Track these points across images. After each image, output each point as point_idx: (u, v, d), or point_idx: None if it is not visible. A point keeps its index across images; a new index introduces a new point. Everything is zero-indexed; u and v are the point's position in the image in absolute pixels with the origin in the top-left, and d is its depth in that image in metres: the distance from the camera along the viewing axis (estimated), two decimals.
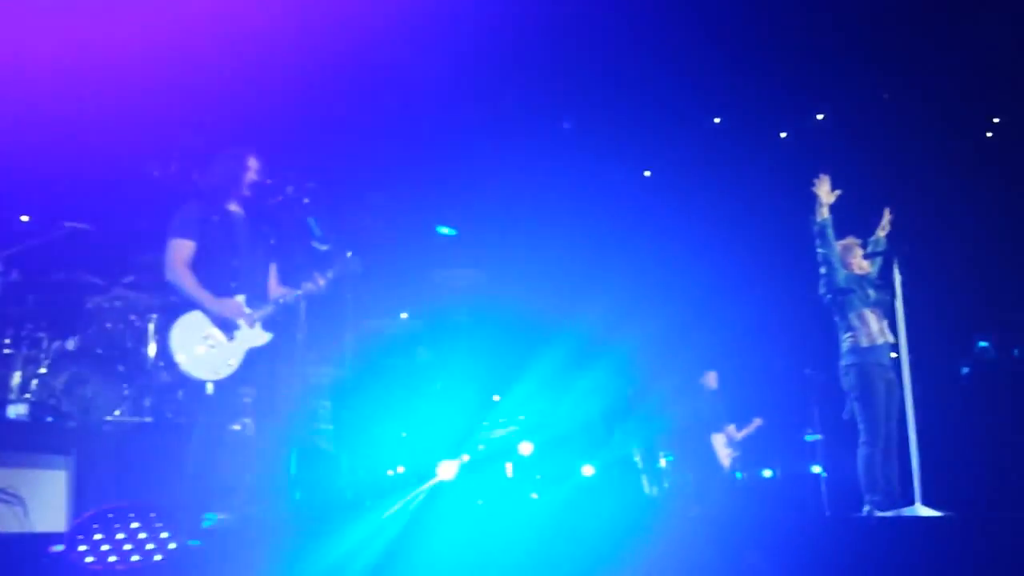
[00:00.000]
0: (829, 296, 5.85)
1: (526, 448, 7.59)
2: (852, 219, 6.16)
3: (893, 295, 5.66)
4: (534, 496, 7.42)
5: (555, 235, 9.07)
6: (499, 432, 7.60)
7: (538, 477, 7.62)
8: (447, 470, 6.88)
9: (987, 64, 8.66)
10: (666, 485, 8.15)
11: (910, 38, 8.61)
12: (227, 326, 4.58)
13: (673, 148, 9.72)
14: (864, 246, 6.02)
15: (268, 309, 4.68)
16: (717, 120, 10.06)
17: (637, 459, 8.10)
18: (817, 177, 5.92)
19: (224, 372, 4.53)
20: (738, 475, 8.93)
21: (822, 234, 5.83)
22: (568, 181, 8.91)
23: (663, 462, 8.32)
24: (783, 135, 10.06)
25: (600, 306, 8.68)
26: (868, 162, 9.22)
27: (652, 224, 9.44)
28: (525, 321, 8.67)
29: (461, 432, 7.43)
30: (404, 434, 7.43)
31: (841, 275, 5.82)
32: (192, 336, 4.54)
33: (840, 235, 5.99)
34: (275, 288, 4.85)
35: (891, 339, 5.68)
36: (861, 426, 5.64)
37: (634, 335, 8.67)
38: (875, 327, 5.70)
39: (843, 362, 5.78)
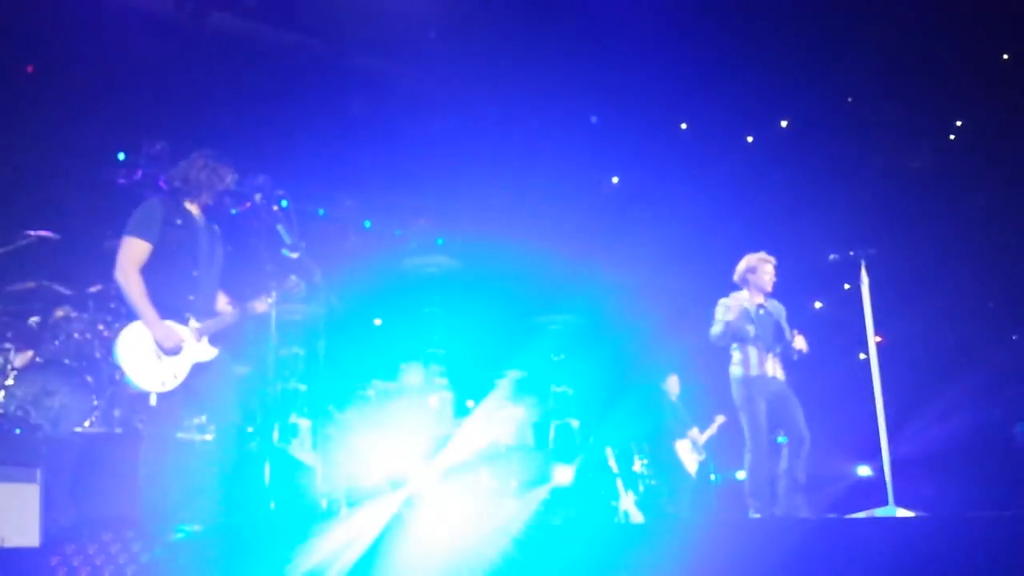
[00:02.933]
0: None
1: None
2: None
3: (775, 328, 6.12)
4: (511, 502, 7.39)
5: (524, 241, 9.09)
6: (475, 439, 7.56)
7: (513, 483, 7.60)
8: (424, 478, 6.84)
9: (950, 67, 8.78)
10: (641, 489, 8.17)
11: (872, 42, 8.72)
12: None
13: (640, 153, 9.76)
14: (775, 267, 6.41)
15: (214, 325, 4.56)
16: (684, 126, 10.12)
17: (612, 463, 8.10)
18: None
19: (170, 384, 4.42)
20: (713, 478, 8.97)
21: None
22: (536, 187, 8.93)
23: (638, 466, 8.33)
24: (749, 139, 10.13)
25: (571, 311, 8.70)
26: (832, 166, 9.32)
27: (619, 229, 9.47)
28: (499, 327, 8.67)
29: (437, 439, 7.39)
30: (380, 442, 7.37)
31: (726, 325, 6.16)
32: (139, 346, 4.38)
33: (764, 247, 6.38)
34: (221, 302, 4.74)
35: (770, 373, 6.10)
36: (746, 435, 6.03)
37: (606, 339, 8.70)
38: (754, 361, 6.08)
39: (731, 378, 6.22)
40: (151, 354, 4.38)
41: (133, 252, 4.37)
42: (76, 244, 6.39)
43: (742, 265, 6.37)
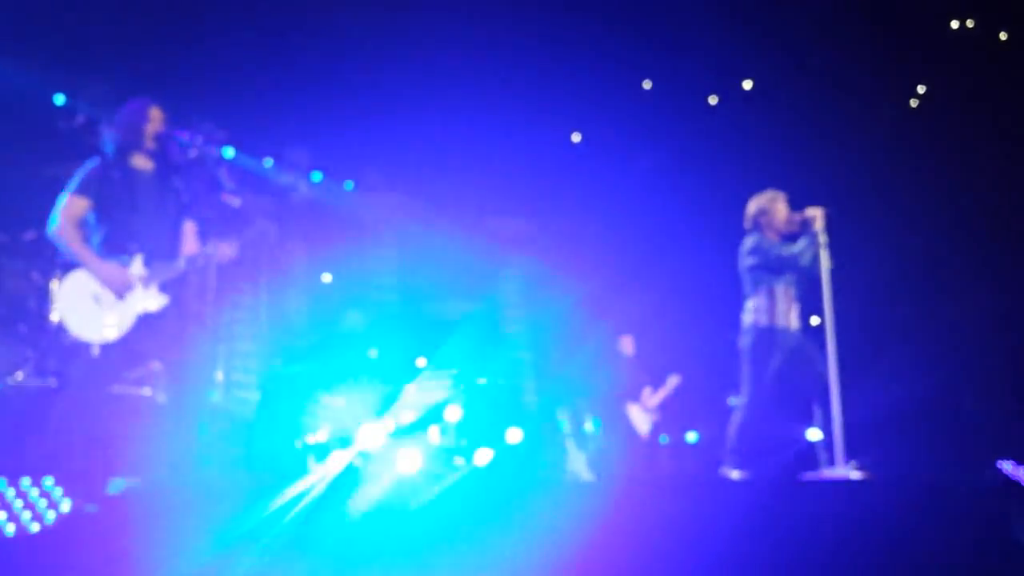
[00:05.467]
0: (754, 263, 5.65)
1: (453, 413, 7.49)
2: (773, 185, 6.10)
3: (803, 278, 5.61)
4: (459, 461, 7.34)
5: (481, 195, 8.98)
6: (425, 397, 7.48)
7: (463, 443, 7.55)
8: (370, 437, 6.76)
9: (913, 31, 8.74)
10: (592, 449, 8.15)
11: (837, 3, 8.64)
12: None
13: (602, 111, 9.63)
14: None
15: (166, 271, 4.47)
16: (647, 84, 9.99)
17: (564, 423, 8.07)
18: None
19: (112, 334, 4.33)
20: (662, 439, 8.99)
21: (796, 260, 5.58)
22: (496, 141, 8.78)
23: (589, 426, 8.31)
24: (713, 100, 10.04)
25: (525, 268, 8.62)
26: (793, 128, 9.27)
27: (579, 187, 9.37)
28: (450, 286, 8.58)
29: (385, 397, 7.30)
30: (326, 400, 7.27)
31: (775, 252, 5.62)
32: (80, 295, 4.36)
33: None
34: (190, 247, 4.66)
35: (793, 325, 5.59)
36: (744, 387, 5.57)
37: (559, 297, 8.63)
38: (781, 307, 5.56)
39: (743, 325, 5.70)
40: (90, 302, 4.34)
41: (66, 207, 4.44)
42: (9, 190, 6.17)
43: (752, 208, 5.80)
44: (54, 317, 5.71)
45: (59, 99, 7.06)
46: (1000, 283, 8.58)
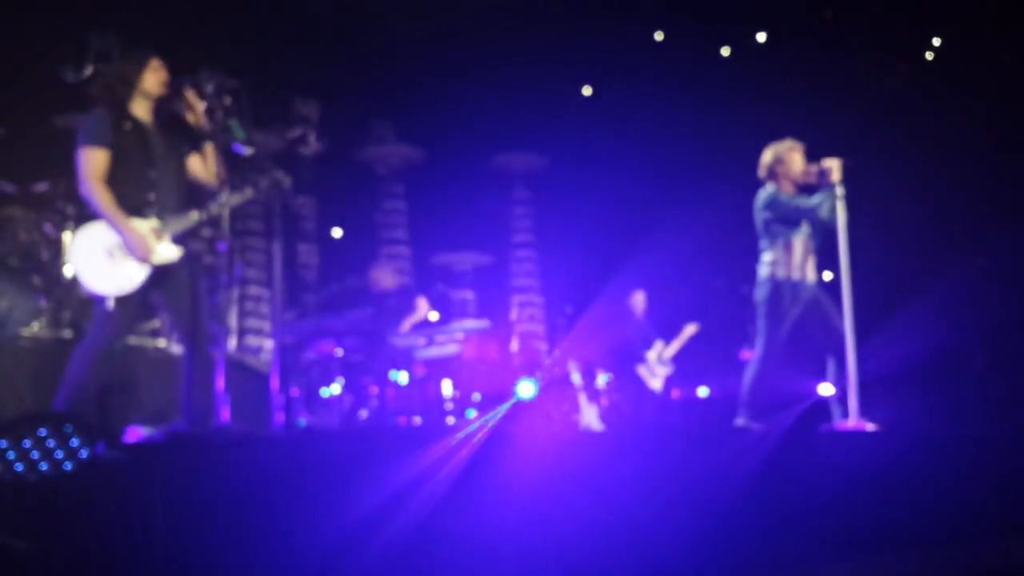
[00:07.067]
0: (770, 217, 5.58)
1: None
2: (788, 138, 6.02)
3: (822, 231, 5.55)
4: (473, 415, 7.38)
5: (493, 149, 8.92)
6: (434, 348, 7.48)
7: (476, 396, 7.59)
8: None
9: None
10: (604, 403, 8.16)
11: None
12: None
13: (613, 63, 9.51)
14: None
15: (181, 223, 4.45)
16: (659, 36, 9.86)
17: (575, 378, 8.08)
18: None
19: (126, 287, 4.31)
20: (675, 393, 8.98)
21: (813, 212, 5.49)
22: (507, 95, 8.70)
23: (601, 381, 8.32)
24: (726, 52, 9.91)
25: (536, 222, 8.57)
26: (807, 81, 9.16)
27: (590, 140, 9.30)
28: (464, 234, 8.56)
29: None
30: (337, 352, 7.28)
31: (792, 205, 5.53)
32: (94, 249, 4.30)
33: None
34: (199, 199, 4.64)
35: (809, 278, 5.55)
36: (759, 340, 5.55)
37: (572, 253, 8.60)
38: (797, 260, 5.51)
39: (759, 277, 5.66)
40: (104, 256, 4.29)
41: (93, 163, 4.29)
42: (21, 140, 6.13)
43: (768, 156, 5.66)
44: (67, 271, 5.72)
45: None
46: (1017, 237, 8.52)
